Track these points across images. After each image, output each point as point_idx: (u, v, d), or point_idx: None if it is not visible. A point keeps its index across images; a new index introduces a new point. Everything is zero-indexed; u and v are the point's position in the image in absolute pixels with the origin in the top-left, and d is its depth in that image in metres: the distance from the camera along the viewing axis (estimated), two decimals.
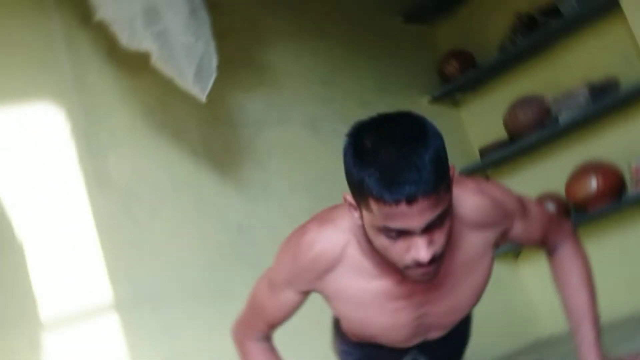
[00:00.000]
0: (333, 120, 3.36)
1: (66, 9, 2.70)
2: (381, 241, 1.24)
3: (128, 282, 2.53)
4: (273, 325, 1.62)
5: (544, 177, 3.69)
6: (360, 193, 1.20)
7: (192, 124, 2.91)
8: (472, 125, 4.00)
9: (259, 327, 1.61)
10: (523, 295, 3.76)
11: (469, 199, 1.44)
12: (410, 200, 1.13)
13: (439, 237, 1.21)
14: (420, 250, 1.18)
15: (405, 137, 1.19)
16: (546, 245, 1.64)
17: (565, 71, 3.65)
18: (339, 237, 1.44)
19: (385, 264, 1.37)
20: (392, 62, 3.76)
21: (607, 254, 3.52)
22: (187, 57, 2.49)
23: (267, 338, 1.64)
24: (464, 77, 3.80)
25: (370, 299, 1.48)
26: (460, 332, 2.03)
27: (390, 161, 1.15)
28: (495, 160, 3.74)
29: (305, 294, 1.55)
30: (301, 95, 3.32)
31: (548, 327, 3.68)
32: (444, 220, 1.21)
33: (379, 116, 1.28)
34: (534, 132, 3.52)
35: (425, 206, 1.14)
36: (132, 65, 2.74)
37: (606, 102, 3.30)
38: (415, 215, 1.15)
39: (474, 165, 3.78)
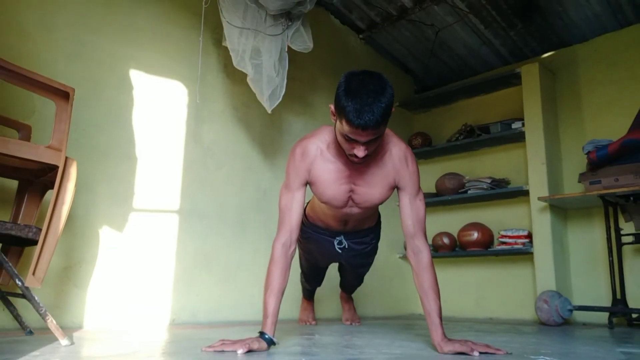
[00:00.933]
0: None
1: (208, 33, 2.72)
2: (341, 139, 1.41)
3: (190, 200, 2.54)
4: (293, 228, 1.52)
5: (448, 222, 3.71)
6: (340, 112, 1.35)
7: (257, 123, 2.92)
8: None
9: (285, 230, 1.51)
10: (411, 284, 3.78)
11: (400, 148, 1.56)
12: (363, 129, 1.31)
13: (371, 147, 1.40)
14: (359, 151, 1.38)
15: (374, 89, 1.31)
16: (412, 242, 1.52)
17: (481, 165, 3.70)
18: (316, 143, 1.56)
19: (339, 155, 1.54)
20: None
21: (471, 279, 3.57)
22: (268, 84, 2.52)
23: (291, 243, 1.51)
24: (422, 149, 3.82)
25: (329, 175, 1.56)
26: (367, 243, 2.07)
27: (361, 103, 1.29)
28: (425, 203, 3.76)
29: (304, 186, 1.57)
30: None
31: (420, 308, 3.73)
32: (377, 141, 1.39)
33: (364, 71, 1.37)
34: (451, 194, 3.56)
35: (369, 133, 1.33)
36: (235, 78, 2.79)
37: (498, 191, 3.35)
38: (363, 135, 1.34)
39: None
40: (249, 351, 1.32)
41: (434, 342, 1.42)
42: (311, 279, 2.44)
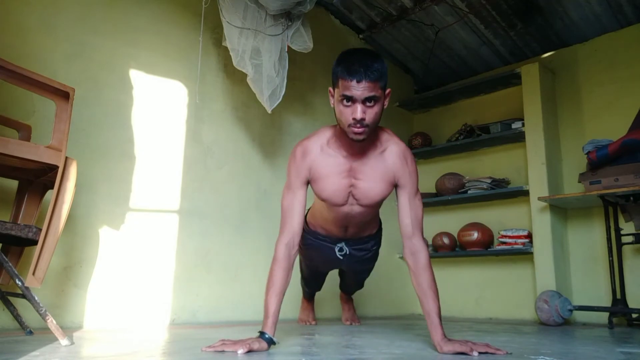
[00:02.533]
0: None
1: (208, 33, 2.72)
2: (340, 108, 1.40)
3: (190, 200, 2.54)
4: (295, 229, 1.51)
5: (448, 221, 3.71)
6: (335, 78, 1.39)
7: (257, 123, 2.92)
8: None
9: (287, 231, 1.50)
10: (411, 284, 3.77)
11: (399, 147, 1.57)
12: (359, 80, 1.33)
13: (370, 113, 1.38)
14: (358, 112, 1.36)
15: (367, 55, 1.38)
16: (410, 242, 1.50)
17: (480, 165, 3.70)
18: (316, 141, 1.57)
19: (340, 149, 1.54)
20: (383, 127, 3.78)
21: (471, 279, 3.57)
22: (268, 84, 2.52)
23: (294, 245, 1.51)
24: (421, 149, 3.82)
25: (329, 169, 1.56)
26: (368, 250, 2.05)
27: (353, 61, 1.35)
28: (423, 202, 3.71)
29: (306, 185, 1.57)
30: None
31: (420, 307, 3.73)
32: (375, 104, 1.38)
33: (360, 47, 1.46)
34: (451, 194, 3.56)
35: (365, 87, 1.34)
36: (235, 78, 2.79)
37: (498, 191, 3.35)
38: (359, 90, 1.34)
39: None
40: (249, 351, 1.32)
41: (434, 342, 1.42)
42: (311, 284, 2.44)
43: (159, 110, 2.48)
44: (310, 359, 1.23)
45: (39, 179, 1.77)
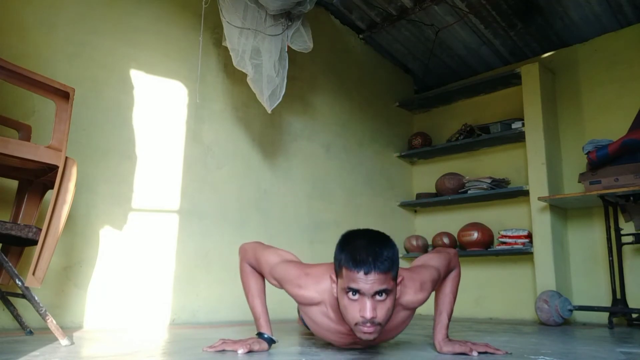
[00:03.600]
0: (339, 148, 3.38)
1: (208, 33, 2.72)
2: (344, 302, 1.17)
3: (190, 199, 2.54)
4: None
5: (448, 221, 3.70)
6: (338, 265, 1.18)
7: (257, 123, 2.92)
8: (417, 178, 4.02)
9: (253, 263, 1.47)
10: None
11: (410, 294, 1.33)
12: (366, 272, 1.12)
13: (381, 308, 1.15)
14: (367, 309, 1.13)
15: (375, 240, 1.18)
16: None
17: (480, 165, 3.69)
18: (324, 291, 1.31)
19: (344, 322, 1.27)
20: (383, 127, 3.77)
21: (471, 279, 3.56)
22: (268, 84, 2.52)
23: None
24: (421, 149, 3.81)
25: (327, 327, 1.35)
26: None
27: (360, 248, 1.15)
28: (424, 202, 3.75)
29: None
30: (326, 127, 3.33)
31: (422, 308, 3.72)
32: (386, 297, 1.15)
33: (365, 229, 1.24)
34: (451, 194, 3.56)
35: (375, 279, 1.12)
36: (235, 78, 2.79)
37: (498, 191, 3.34)
38: (368, 283, 1.13)
39: (411, 202, 3.77)
40: (250, 352, 1.32)
41: (435, 342, 1.43)
42: None
43: (159, 110, 2.48)
44: (310, 359, 1.23)
45: (39, 179, 1.77)
